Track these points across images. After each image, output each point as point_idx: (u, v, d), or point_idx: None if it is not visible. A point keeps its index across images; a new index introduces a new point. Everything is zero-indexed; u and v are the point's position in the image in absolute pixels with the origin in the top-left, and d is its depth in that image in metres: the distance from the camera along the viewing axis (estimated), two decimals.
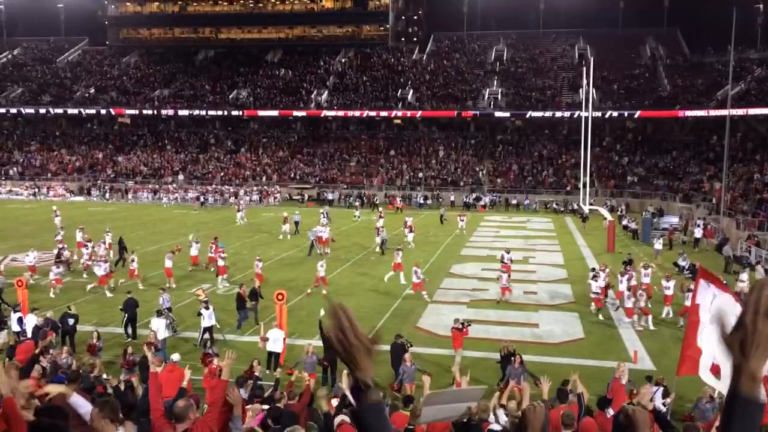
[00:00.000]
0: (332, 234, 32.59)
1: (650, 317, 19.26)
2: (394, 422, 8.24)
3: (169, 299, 18.97)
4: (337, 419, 7.51)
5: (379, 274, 25.95)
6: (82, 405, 5.31)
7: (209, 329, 17.33)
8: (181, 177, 60.08)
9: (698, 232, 35.27)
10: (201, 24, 79.68)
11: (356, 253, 31.06)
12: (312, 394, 9.63)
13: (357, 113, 63.31)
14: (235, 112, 65.65)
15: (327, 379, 14.85)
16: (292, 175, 59.40)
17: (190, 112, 66.33)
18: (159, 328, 16.21)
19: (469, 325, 16.57)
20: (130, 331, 18.04)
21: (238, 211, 42.34)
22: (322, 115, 64.58)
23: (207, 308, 17.38)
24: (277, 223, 37.27)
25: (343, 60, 73.20)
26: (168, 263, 23.83)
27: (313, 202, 52.36)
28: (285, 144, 65.36)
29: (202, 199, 53.13)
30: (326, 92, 66.71)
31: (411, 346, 15.23)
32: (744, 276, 22.97)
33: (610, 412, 8.59)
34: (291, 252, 31.19)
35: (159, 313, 16.94)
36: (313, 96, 66.24)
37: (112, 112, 68.06)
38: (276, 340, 15.43)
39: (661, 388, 12.23)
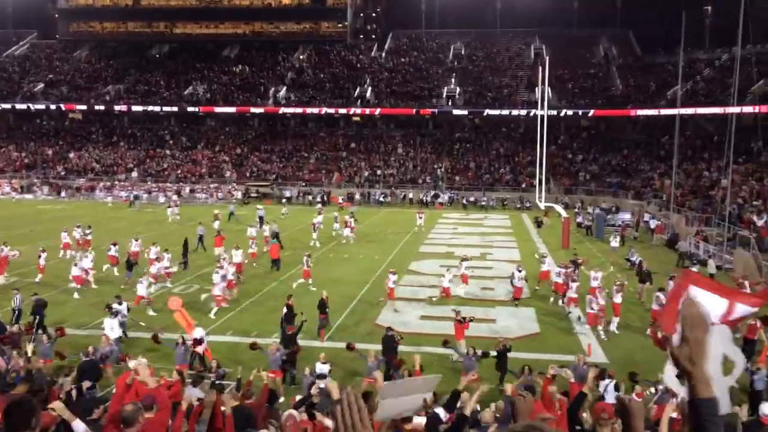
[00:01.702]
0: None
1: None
2: None
3: (21, 299, 18.36)
4: (285, 413, 7.51)
5: (335, 272, 25.93)
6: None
7: (122, 324, 17.11)
8: (135, 174, 58.81)
9: (652, 224, 37.20)
10: (155, 18, 78.13)
11: (313, 251, 30.90)
12: (272, 391, 9.56)
13: (315, 110, 62.98)
14: (190, 108, 64.51)
15: (285, 377, 14.81)
16: (250, 173, 58.74)
17: (144, 108, 64.89)
18: (113, 327, 15.89)
19: (471, 320, 17.06)
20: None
21: (169, 207, 42.33)
22: (280, 111, 64.04)
23: (120, 303, 17.16)
24: (233, 221, 36.85)
25: (301, 56, 72.71)
26: (237, 258, 24.25)
27: (270, 200, 51.80)
28: (242, 141, 64.60)
29: (133, 197, 51.11)
30: (284, 89, 66.17)
31: (401, 339, 15.69)
32: (693, 270, 23.69)
33: None
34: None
35: (113, 313, 16.55)
36: (270, 92, 65.61)
37: (63, 107, 66.17)
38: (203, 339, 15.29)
39: (613, 381, 12.53)
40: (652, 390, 11.98)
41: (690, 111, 49.59)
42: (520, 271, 22.07)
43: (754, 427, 7.91)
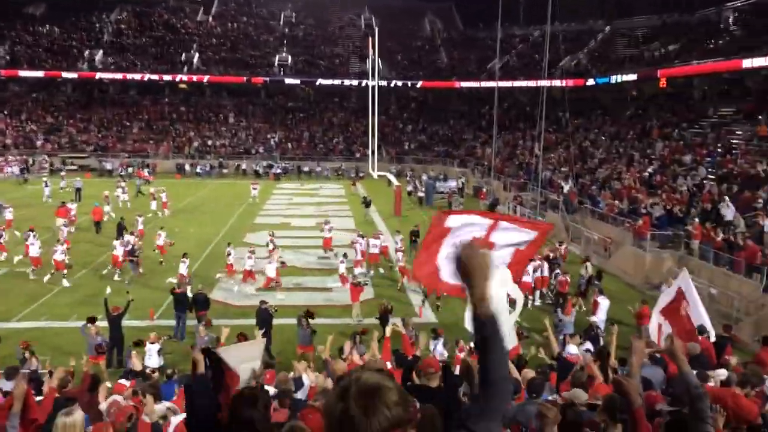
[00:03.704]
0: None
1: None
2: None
3: None
4: (109, 399, 7.16)
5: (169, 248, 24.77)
6: None
7: None
8: None
9: (459, 183, 43.07)
10: None
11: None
12: (94, 377, 8.95)
13: (137, 76, 58.74)
14: None
15: (113, 360, 14.11)
16: (62, 144, 53.60)
17: None
18: None
19: (366, 284, 19.14)
20: None
21: None
22: (97, 77, 58.87)
23: None
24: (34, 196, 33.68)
25: (119, 17, 67.32)
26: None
27: (90, 172, 47.86)
28: (54, 109, 58.76)
29: None
30: (101, 52, 60.95)
31: (276, 311, 15.78)
32: None
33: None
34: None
35: None
36: (85, 56, 60.15)
37: None
38: None
39: (441, 339, 13.36)
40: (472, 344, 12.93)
41: (507, 84, 53.08)
42: (399, 253, 22.34)
43: (562, 367, 8.84)
